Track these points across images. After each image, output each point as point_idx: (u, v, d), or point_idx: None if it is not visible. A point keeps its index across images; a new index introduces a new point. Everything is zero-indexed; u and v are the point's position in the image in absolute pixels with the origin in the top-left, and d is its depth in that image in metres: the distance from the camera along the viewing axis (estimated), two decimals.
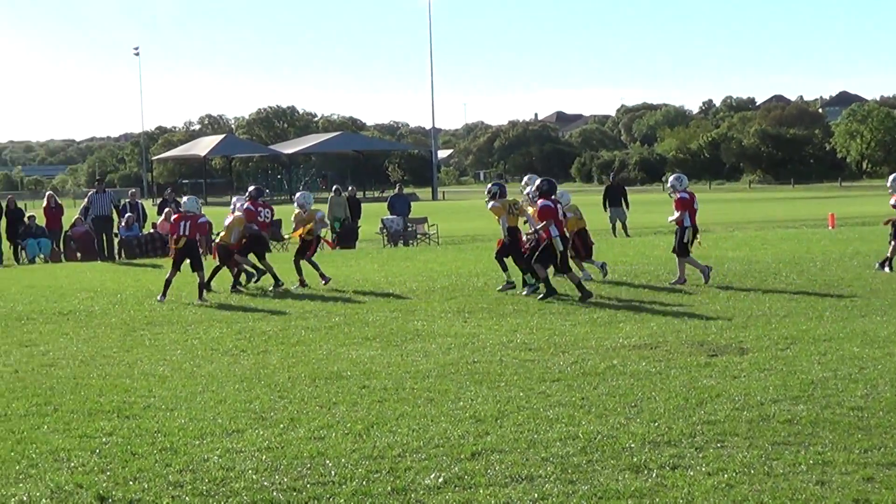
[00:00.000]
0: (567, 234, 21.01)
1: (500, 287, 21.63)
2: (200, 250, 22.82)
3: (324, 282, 23.70)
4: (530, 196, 21.80)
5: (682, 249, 22.21)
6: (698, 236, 22.68)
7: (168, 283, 21.76)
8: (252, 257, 23.92)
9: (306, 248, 24.47)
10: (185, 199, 23.69)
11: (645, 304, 19.02)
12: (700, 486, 8.51)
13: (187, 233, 21.92)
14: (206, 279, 22.30)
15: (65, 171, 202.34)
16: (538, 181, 21.59)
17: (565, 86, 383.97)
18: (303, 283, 23.70)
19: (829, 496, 8.21)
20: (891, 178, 23.85)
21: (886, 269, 22.60)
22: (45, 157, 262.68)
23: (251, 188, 25.44)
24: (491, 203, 21.83)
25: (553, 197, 21.01)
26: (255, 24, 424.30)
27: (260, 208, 24.30)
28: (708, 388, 11.97)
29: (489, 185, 22.69)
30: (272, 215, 25.45)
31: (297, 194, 26.03)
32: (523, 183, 23.58)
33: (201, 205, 23.22)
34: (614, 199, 40.22)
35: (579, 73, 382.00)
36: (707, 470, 8.90)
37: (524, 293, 20.83)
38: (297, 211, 24.77)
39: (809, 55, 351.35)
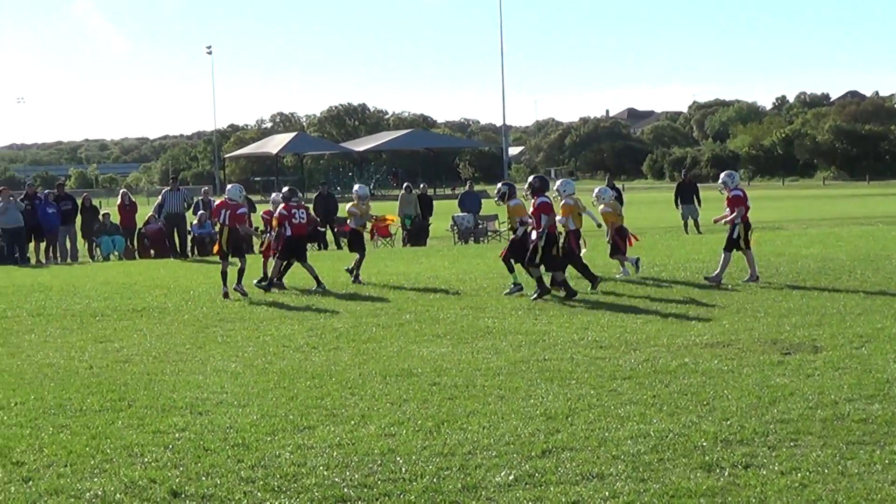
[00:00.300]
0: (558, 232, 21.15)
1: (507, 291, 21.05)
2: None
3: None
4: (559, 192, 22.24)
5: (732, 244, 22.03)
6: (751, 233, 22.45)
7: (224, 275, 21.98)
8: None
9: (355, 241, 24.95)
10: (228, 186, 23.77)
11: (717, 302, 18.88)
12: (773, 485, 8.44)
13: (227, 221, 22.36)
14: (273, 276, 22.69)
15: (138, 169, 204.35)
16: (530, 178, 21.79)
17: (637, 82, 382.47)
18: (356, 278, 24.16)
19: None
20: None
21: None
22: (119, 156, 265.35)
23: (284, 189, 24.77)
24: (514, 201, 21.58)
25: (546, 193, 21.20)
26: (327, 22, 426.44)
27: (294, 210, 23.62)
28: (781, 386, 11.87)
29: (499, 185, 22.47)
30: (308, 216, 24.52)
31: (356, 186, 26.05)
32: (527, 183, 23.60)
33: (245, 195, 23.60)
34: (686, 196, 39.90)
35: (651, 70, 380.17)
36: (780, 469, 8.82)
37: (532, 295, 20.43)
38: (355, 202, 25.07)
39: (885, 50, 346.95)
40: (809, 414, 10.58)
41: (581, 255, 22.60)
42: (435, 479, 8.84)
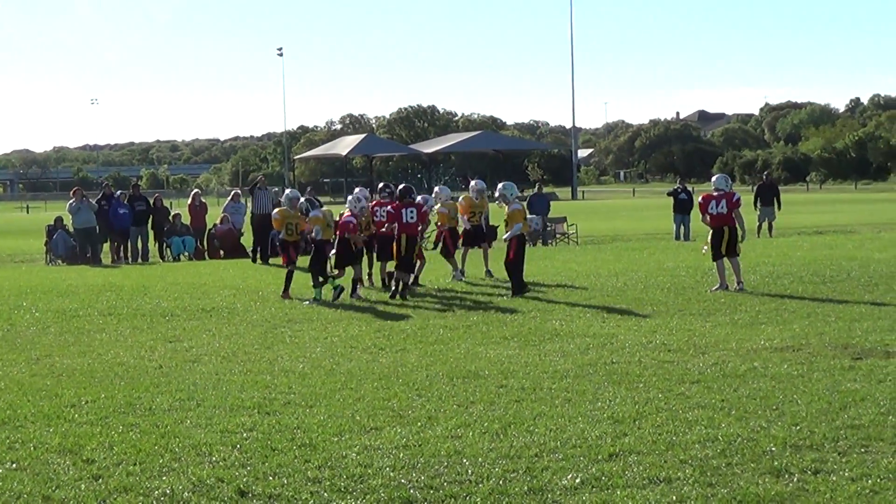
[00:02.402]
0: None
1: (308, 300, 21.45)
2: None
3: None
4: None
5: (714, 253, 21.45)
6: (705, 241, 21.81)
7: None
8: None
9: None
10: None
11: (787, 306, 18.71)
12: (843, 491, 8.35)
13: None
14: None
15: (209, 170, 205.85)
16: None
17: (708, 85, 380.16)
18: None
19: None
20: None
21: None
22: (189, 157, 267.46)
23: (380, 185, 24.80)
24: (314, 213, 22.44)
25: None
26: (397, 24, 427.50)
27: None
28: (852, 391, 11.74)
29: (301, 199, 22.96)
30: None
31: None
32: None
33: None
34: (766, 198, 39.64)
35: (722, 72, 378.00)
36: (850, 475, 8.73)
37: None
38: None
39: None
40: (881, 420, 10.46)
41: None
42: (501, 482, 8.83)
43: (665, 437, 10.03)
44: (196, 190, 43.24)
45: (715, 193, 21.71)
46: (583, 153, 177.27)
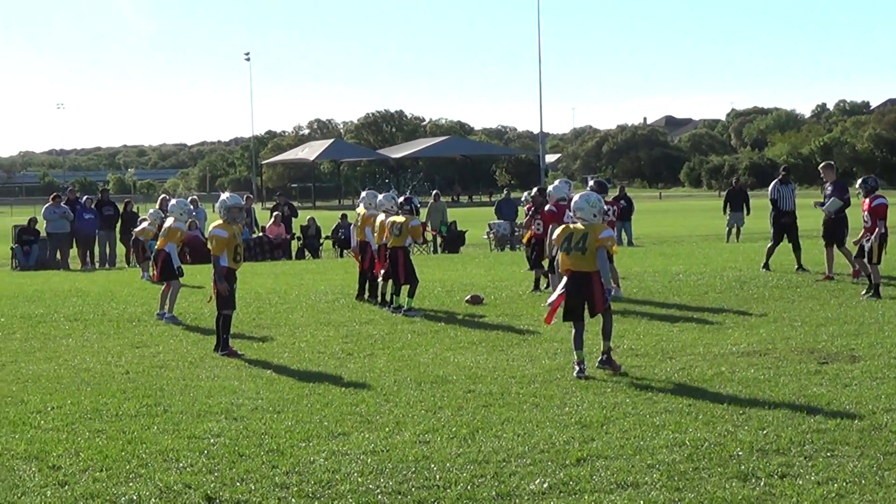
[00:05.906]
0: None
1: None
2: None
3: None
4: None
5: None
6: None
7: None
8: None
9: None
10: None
11: (754, 311, 18.78)
12: (809, 495, 8.39)
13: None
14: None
15: (176, 175, 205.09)
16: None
17: (675, 90, 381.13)
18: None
19: None
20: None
21: None
22: (157, 161, 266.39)
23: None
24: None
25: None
26: (365, 29, 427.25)
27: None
28: (818, 396, 11.80)
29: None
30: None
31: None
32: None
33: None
34: (736, 203, 39.84)
35: (689, 78, 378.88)
36: (817, 479, 8.77)
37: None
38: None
39: None
40: (847, 424, 10.51)
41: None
42: (469, 487, 8.83)
43: (632, 442, 10.05)
44: (163, 195, 43.15)
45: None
46: (550, 158, 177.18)
